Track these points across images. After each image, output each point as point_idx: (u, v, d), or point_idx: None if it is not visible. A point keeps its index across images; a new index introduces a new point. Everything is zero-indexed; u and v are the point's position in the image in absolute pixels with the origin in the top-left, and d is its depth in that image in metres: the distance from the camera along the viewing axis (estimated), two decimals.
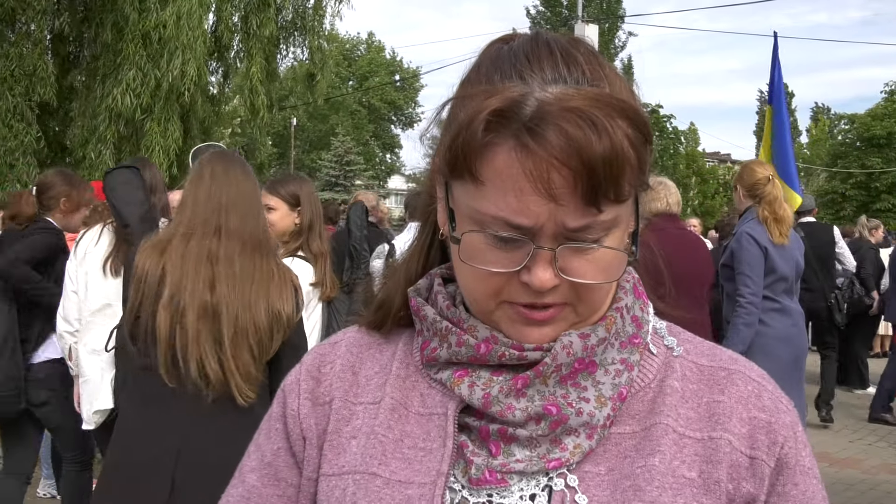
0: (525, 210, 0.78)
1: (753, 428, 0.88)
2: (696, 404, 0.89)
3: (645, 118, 0.81)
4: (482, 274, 0.83)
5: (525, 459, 0.85)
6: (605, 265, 0.83)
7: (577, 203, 0.77)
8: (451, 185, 0.85)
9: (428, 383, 0.92)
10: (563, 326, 0.86)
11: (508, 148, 0.77)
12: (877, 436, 7.74)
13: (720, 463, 0.85)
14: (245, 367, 2.48)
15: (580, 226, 0.79)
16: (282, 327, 2.59)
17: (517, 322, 0.85)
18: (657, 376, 0.91)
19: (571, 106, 0.76)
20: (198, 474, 2.40)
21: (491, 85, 0.80)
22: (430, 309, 0.92)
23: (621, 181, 0.77)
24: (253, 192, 2.69)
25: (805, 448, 0.90)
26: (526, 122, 0.76)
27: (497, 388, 0.85)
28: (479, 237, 0.82)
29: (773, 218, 4.64)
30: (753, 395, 0.90)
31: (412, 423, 0.90)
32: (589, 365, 0.87)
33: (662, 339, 0.95)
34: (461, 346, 0.88)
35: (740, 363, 0.93)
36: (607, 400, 0.86)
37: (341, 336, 1.03)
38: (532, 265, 0.80)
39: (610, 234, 0.82)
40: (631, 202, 0.84)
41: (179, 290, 2.47)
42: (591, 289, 0.84)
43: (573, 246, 0.80)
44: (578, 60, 0.82)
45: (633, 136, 0.78)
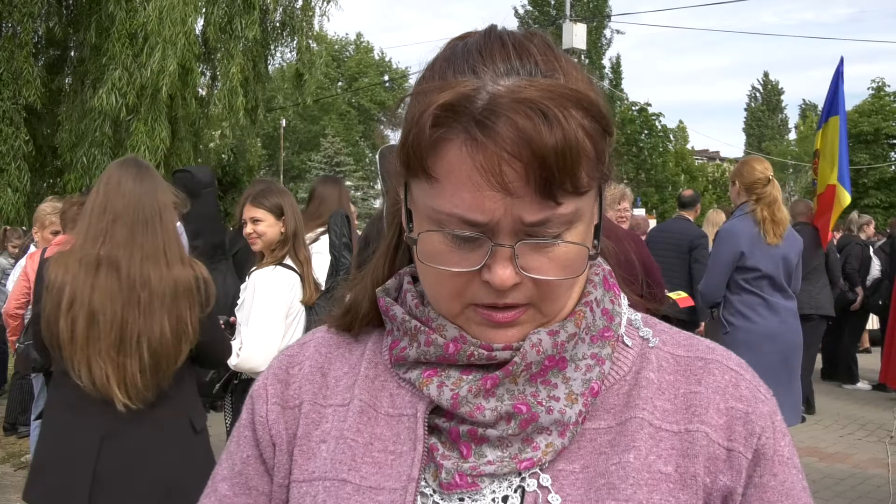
0: (480, 206, 0.76)
1: (731, 419, 0.86)
2: (672, 396, 0.87)
3: (602, 109, 0.79)
4: (443, 275, 0.82)
5: (496, 461, 0.83)
6: (567, 261, 0.81)
7: (532, 196, 0.75)
8: (409, 184, 0.84)
9: (397, 383, 0.91)
10: (528, 328, 0.84)
11: (459, 143, 0.75)
12: (866, 430, 7.79)
13: (697, 456, 0.84)
14: (131, 375, 2.63)
15: (538, 220, 0.77)
16: (187, 334, 2.72)
17: (482, 325, 0.84)
18: (632, 368, 0.89)
19: (522, 97, 0.74)
20: (119, 466, 2.64)
21: (444, 81, 0.79)
22: (398, 308, 0.91)
23: (577, 172, 0.76)
24: (147, 201, 2.74)
25: (784, 437, 0.89)
26: (476, 116, 0.75)
27: (466, 388, 0.84)
28: (437, 237, 0.80)
29: (771, 219, 4.67)
30: (731, 385, 0.88)
31: (382, 426, 0.89)
32: (559, 362, 0.85)
33: (637, 330, 0.93)
34: (430, 346, 0.86)
35: (717, 352, 0.91)
36: (578, 396, 0.84)
37: (310, 336, 1.01)
38: (492, 263, 0.79)
39: (571, 229, 0.80)
40: (593, 195, 0.82)
41: (75, 299, 2.62)
42: (554, 286, 0.82)
43: (532, 242, 0.78)
44: (531, 52, 0.80)
45: (589, 126, 0.77)
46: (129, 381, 2.64)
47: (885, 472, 5.99)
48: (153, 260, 2.70)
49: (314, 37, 15.65)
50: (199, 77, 13.88)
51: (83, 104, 12.24)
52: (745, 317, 4.68)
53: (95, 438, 2.65)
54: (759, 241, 4.67)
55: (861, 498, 5.84)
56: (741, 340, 4.57)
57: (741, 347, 4.39)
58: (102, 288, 2.64)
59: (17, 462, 6.42)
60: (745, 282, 4.73)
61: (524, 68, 0.78)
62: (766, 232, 4.65)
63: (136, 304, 2.65)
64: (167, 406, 2.75)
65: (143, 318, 2.66)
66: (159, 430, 2.75)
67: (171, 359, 2.72)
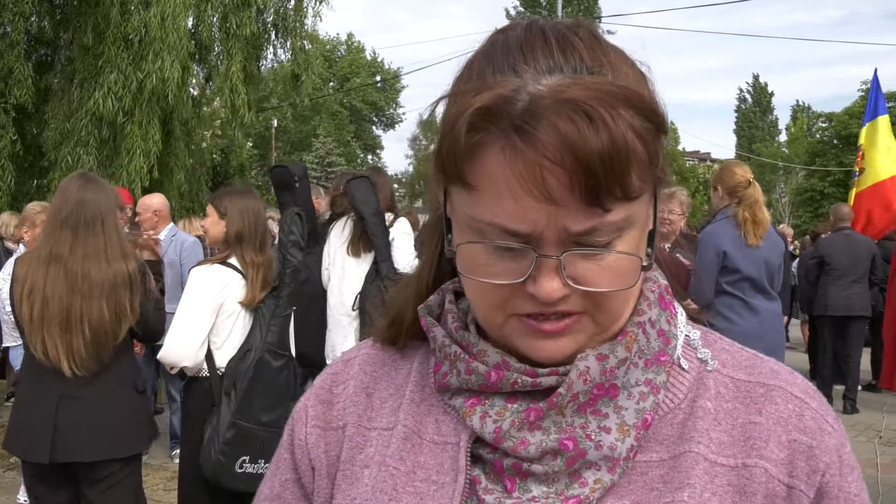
0: (522, 216, 0.71)
1: (793, 453, 0.79)
2: (730, 426, 0.81)
3: (655, 106, 0.73)
4: (485, 286, 0.76)
5: (541, 497, 0.78)
6: (620, 270, 0.75)
7: (578, 205, 0.70)
8: (448, 191, 0.79)
9: (443, 408, 0.86)
10: (581, 338, 0.78)
11: (498, 149, 0.70)
12: (856, 431, 7.81)
13: (755, 494, 0.77)
14: (76, 349, 3.32)
15: (585, 229, 0.71)
16: (126, 315, 3.39)
17: (529, 336, 0.78)
18: (688, 396, 0.83)
19: (565, 98, 0.69)
20: (74, 419, 3.35)
21: (482, 81, 0.73)
22: (439, 330, 0.86)
23: (627, 177, 0.70)
24: (90, 208, 3.37)
25: (852, 472, 0.82)
26: (515, 120, 0.69)
27: (509, 421, 0.78)
28: (478, 248, 0.75)
29: (752, 220, 4.76)
30: (794, 416, 0.81)
31: (426, 453, 0.84)
32: (610, 389, 0.79)
33: (695, 351, 0.87)
34: (470, 374, 0.81)
35: (782, 377, 0.84)
36: (630, 429, 0.78)
37: (355, 353, 0.97)
38: (537, 275, 0.73)
39: (623, 237, 0.74)
40: (646, 199, 0.76)
41: (33, 289, 3.32)
42: (606, 297, 0.76)
43: (580, 252, 0.73)
44: (576, 46, 0.74)
45: (640, 126, 0.71)
46: (75, 354, 3.33)
47: (874, 472, 6.02)
48: (93, 256, 3.34)
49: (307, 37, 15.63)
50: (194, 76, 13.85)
51: (70, 104, 12.19)
52: (727, 318, 4.77)
53: (54, 398, 3.36)
54: (740, 244, 4.77)
55: None
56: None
57: None
58: (52, 279, 3.31)
59: (5, 463, 6.40)
60: (727, 284, 4.83)
61: (568, 64, 0.73)
62: (746, 233, 4.75)
63: (78, 292, 3.30)
64: (114, 372, 3.46)
65: (85, 303, 3.31)
66: (107, 391, 3.44)
67: (111, 336, 3.38)
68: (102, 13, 11.87)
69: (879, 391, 8.63)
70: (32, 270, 3.34)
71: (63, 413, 3.34)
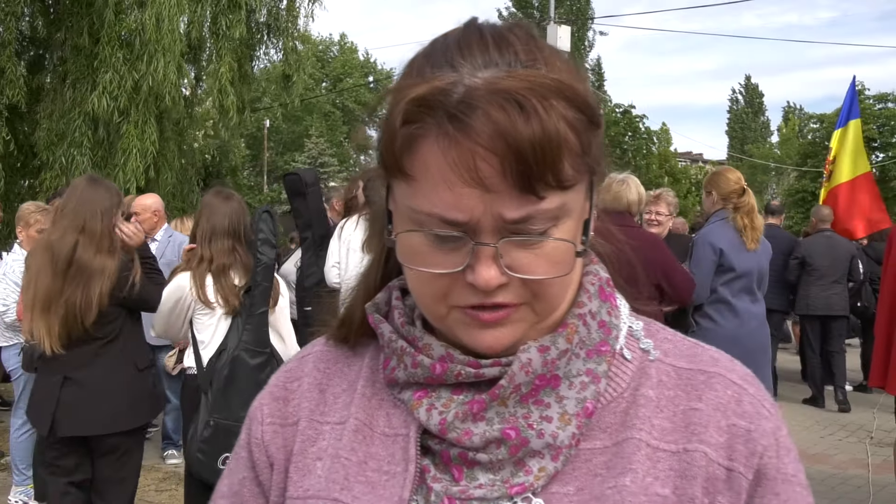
0: (458, 204, 0.73)
1: (732, 437, 0.82)
2: (671, 413, 0.84)
3: (588, 99, 0.76)
4: (426, 277, 0.78)
5: (487, 484, 0.80)
6: (556, 258, 0.77)
7: (512, 192, 0.72)
8: (390, 185, 0.81)
9: (393, 402, 0.88)
10: (521, 328, 0.80)
11: (433, 139, 0.73)
12: (847, 431, 7.85)
13: (695, 478, 0.80)
14: (53, 327, 3.68)
15: (520, 216, 0.73)
16: (92, 303, 3.69)
17: (470, 326, 0.80)
18: (630, 385, 0.85)
19: (499, 88, 0.71)
20: (76, 397, 3.77)
21: (421, 76, 0.76)
22: (386, 326, 0.88)
23: (559, 165, 0.72)
24: (92, 203, 3.74)
25: (788, 454, 0.85)
26: (450, 110, 0.71)
27: (453, 412, 0.81)
28: (417, 237, 0.77)
29: (751, 226, 4.93)
30: (733, 401, 0.84)
31: (377, 445, 0.87)
32: (552, 380, 0.82)
33: (638, 341, 0.89)
34: (416, 368, 0.84)
35: (721, 364, 0.87)
36: (572, 417, 0.81)
37: (309, 350, 0.99)
38: (475, 263, 0.75)
39: (559, 226, 0.76)
40: (582, 189, 0.78)
41: (31, 278, 3.72)
42: (544, 285, 0.78)
43: (516, 239, 0.75)
44: (512, 43, 0.76)
45: (573, 117, 0.73)
46: (53, 334, 3.69)
47: (865, 472, 6.04)
48: (84, 247, 3.68)
49: (300, 37, 15.60)
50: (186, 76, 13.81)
51: (62, 104, 12.15)
52: (711, 319, 4.91)
53: (59, 378, 3.78)
54: (736, 244, 4.90)
55: (841, 498, 5.88)
56: (703, 340, 4.72)
57: None
58: (43, 266, 3.67)
59: None
60: (719, 284, 4.95)
61: (503, 59, 0.75)
62: (746, 238, 4.91)
63: (61, 277, 3.64)
64: (115, 351, 3.86)
65: (67, 287, 3.66)
66: (107, 370, 3.83)
67: (79, 320, 3.71)
68: (96, 13, 11.84)
69: (870, 391, 8.67)
70: (33, 259, 3.76)
71: (66, 391, 3.77)
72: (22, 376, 5.55)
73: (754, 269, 4.98)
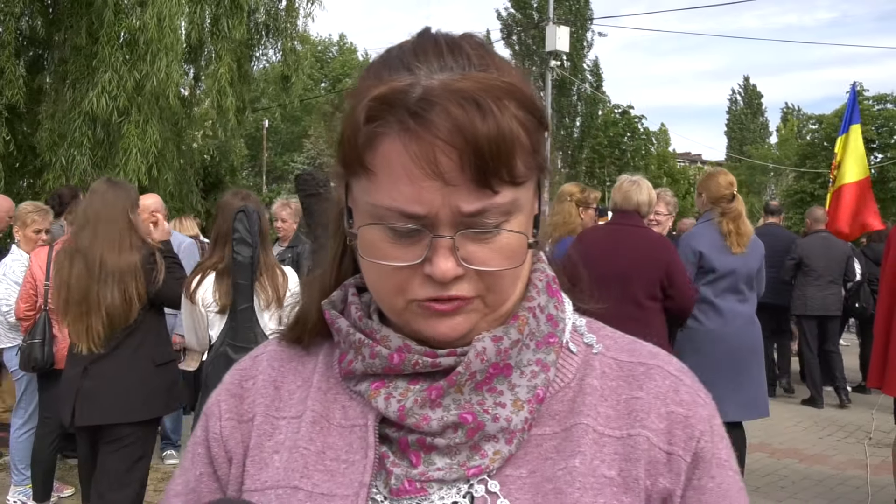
0: (418, 197, 0.77)
1: (671, 423, 0.88)
2: (615, 402, 0.89)
3: (536, 102, 0.81)
4: (385, 270, 0.82)
5: (445, 468, 0.84)
6: (509, 251, 0.81)
7: (469, 185, 0.76)
8: (349, 184, 0.85)
9: (348, 395, 0.91)
10: (473, 318, 0.84)
11: (394, 134, 0.77)
12: (845, 432, 7.85)
13: (639, 460, 0.85)
14: (94, 329, 3.89)
15: (476, 209, 0.78)
16: (133, 298, 3.91)
17: (427, 317, 0.83)
18: (577, 375, 0.91)
19: (456, 88, 0.76)
20: (95, 387, 3.97)
21: (379, 79, 0.80)
22: (343, 321, 0.91)
23: (513, 161, 0.77)
24: (113, 206, 3.95)
25: (722, 440, 0.90)
26: (410, 107, 0.76)
27: (412, 399, 0.84)
28: (377, 231, 0.81)
29: (735, 232, 5.04)
30: (671, 390, 0.90)
31: (334, 436, 0.89)
32: (504, 368, 0.86)
33: (582, 336, 0.94)
34: (375, 358, 0.86)
35: (659, 357, 0.93)
36: (524, 403, 0.85)
37: (262, 350, 1.01)
38: (432, 256, 0.79)
39: (511, 220, 0.81)
40: (531, 186, 0.83)
41: (60, 279, 3.94)
42: (497, 277, 0.82)
43: (472, 232, 0.79)
44: (465, 49, 0.81)
45: (524, 117, 0.79)
46: (93, 334, 3.90)
47: (863, 473, 6.05)
48: (109, 247, 3.88)
49: (299, 38, 15.61)
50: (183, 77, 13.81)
51: (62, 104, 12.15)
52: (695, 318, 4.96)
53: (80, 369, 3.98)
54: (718, 246, 5.00)
55: (840, 499, 5.90)
56: (688, 339, 4.96)
57: (687, 346, 4.86)
58: (75, 268, 3.88)
59: None
60: (702, 285, 5.04)
61: (458, 63, 0.80)
62: (731, 243, 5.02)
63: (95, 279, 3.84)
64: (132, 348, 4.03)
65: (101, 288, 3.85)
66: (124, 365, 4.00)
67: (122, 317, 3.92)
68: (95, 13, 11.84)
69: (869, 392, 8.69)
70: (61, 263, 3.97)
71: (86, 381, 3.98)
72: (24, 377, 5.55)
73: (740, 268, 5.05)
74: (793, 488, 6.14)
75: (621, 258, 4.50)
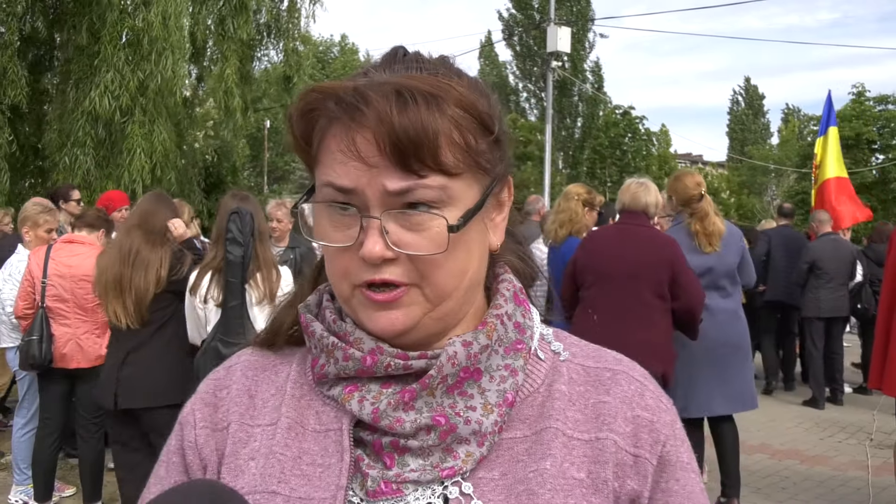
0: (347, 174, 0.83)
1: (637, 427, 0.91)
2: (583, 406, 0.92)
3: (477, 106, 0.85)
4: (331, 254, 0.88)
5: (419, 469, 0.86)
6: (438, 238, 0.84)
7: (391, 168, 0.81)
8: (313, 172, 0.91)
9: (322, 400, 0.93)
10: (413, 312, 0.87)
11: (328, 122, 0.85)
12: (846, 433, 7.85)
13: (607, 463, 0.88)
14: (127, 307, 4.33)
15: (400, 188, 0.82)
16: (154, 282, 4.34)
17: (367, 307, 0.87)
18: (545, 381, 0.93)
19: (385, 82, 0.83)
20: (133, 372, 4.37)
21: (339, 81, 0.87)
22: (318, 325, 0.93)
23: (437, 150, 0.82)
24: (154, 215, 4.50)
25: (683, 444, 0.94)
26: (343, 98, 0.83)
27: (385, 401, 0.86)
28: (322, 211, 0.87)
29: (703, 232, 5.08)
30: (637, 395, 0.93)
31: (309, 441, 0.91)
32: (474, 373, 0.89)
33: (549, 344, 0.98)
34: (348, 361, 0.89)
35: (624, 364, 0.97)
36: (493, 406, 0.88)
37: (235, 360, 1.03)
38: (364, 238, 0.83)
39: (443, 209, 0.84)
40: (472, 183, 0.87)
41: (102, 269, 4.42)
42: (430, 265, 0.85)
43: (396, 212, 0.83)
44: (420, 58, 0.89)
45: (459, 116, 0.84)
46: (127, 311, 4.33)
47: (864, 474, 6.05)
48: (146, 244, 4.37)
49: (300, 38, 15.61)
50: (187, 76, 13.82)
51: (66, 104, 12.15)
52: None
53: (122, 355, 4.40)
54: (690, 247, 5.00)
55: (841, 500, 5.91)
56: (674, 336, 4.92)
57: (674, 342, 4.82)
58: (113, 259, 4.37)
59: None
60: None
61: (406, 69, 0.87)
62: (700, 244, 5.06)
63: (129, 265, 4.31)
64: (166, 337, 4.43)
65: (135, 273, 4.31)
66: (158, 352, 4.40)
67: (146, 296, 4.33)
68: (97, 13, 11.84)
69: (870, 393, 8.69)
70: (105, 257, 4.48)
71: (125, 369, 4.38)
72: (26, 377, 5.56)
73: (717, 266, 5.09)
74: (794, 489, 6.15)
75: (629, 257, 4.55)
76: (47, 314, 5.04)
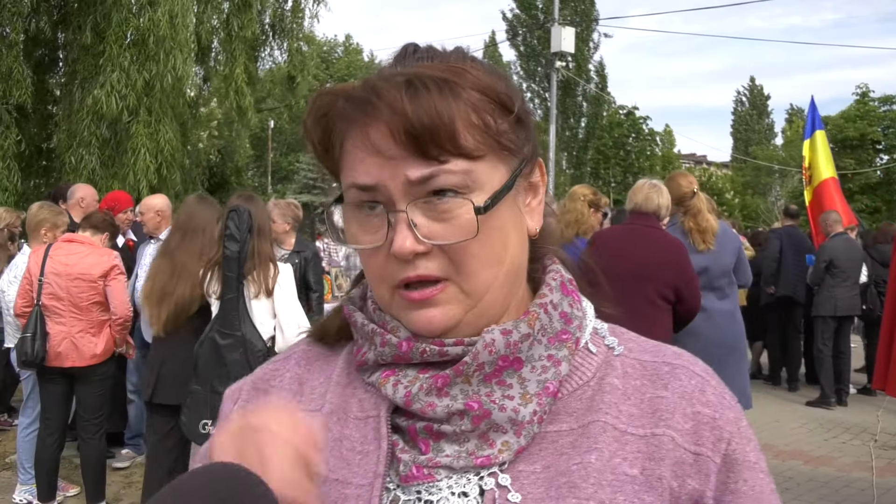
0: (368, 171, 0.82)
1: (698, 424, 0.87)
2: (638, 400, 0.88)
3: (496, 87, 0.84)
4: (365, 257, 0.87)
5: (453, 454, 0.84)
6: (467, 224, 0.82)
7: (410, 157, 0.80)
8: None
9: (364, 388, 0.93)
10: (452, 310, 0.85)
11: (343, 124, 0.84)
12: (851, 434, 7.84)
13: (663, 460, 0.84)
14: (165, 317, 4.52)
15: (422, 175, 0.80)
16: (198, 295, 4.42)
17: (407, 309, 0.86)
18: (596, 374, 0.90)
19: (394, 73, 0.82)
20: (170, 370, 4.58)
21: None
22: (359, 315, 0.94)
23: (454, 133, 0.80)
24: (198, 216, 4.67)
25: (750, 442, 0.89)
26: (353, 95, 0.83)
27: (418, 386, 0.86)
28: (351, 214, 0.86)
29: (696, 229, 5.12)
30: (697, 390, 0.89)
31: (350, 427, 0.91)
32: (514, 362, 0.86)
33: (603, 339, 0.95)
34: (385, 346, 0.88)
35: (684, 358, 0.93)
36: (532, 396, 0.85)
37: (294, 349, 1.05)
38: (393, 235, 0.82)
39: (469, 194, 0.82)
40: (497, 163, 0.85)
41: (150, 276, 4.64)
42: (463, 256, 0.83)
43: (423, 201, 0.81)
44: (432, 50, 0.88)
45: (476, 98, 0.82)
46: (165, 321, 4.52)
47: (869, 475, 6.04)
48: (191, 253, 4.53)
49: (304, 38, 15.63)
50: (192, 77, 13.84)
51: (72, 104, 12.17)
52: None
53: (160, 359, 4.65)
54: (687, 247, 4.97)
55: (845, 501, 5.91)
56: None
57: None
58: (161, 267, 4.59)
59: (1, 463, 6.40)
60: None
61: (417, 61, 0.86)
62: (694, 241, 5.08)
63: (176, 276, 4.49)
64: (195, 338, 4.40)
65: (179, 285, 4.48)
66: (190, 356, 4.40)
67: (187, 309, 4.49)
68: (102, 12, 11.85)
69: (874, 394, 8.68)
70: (158, 260, 4.70)
71: (164, 368, 4.62)
72: (30, 376, 5.57)
73: (712, 266, 5.08)
74: (798, 490, 6.14)
75: (637, 257, 4.55)
76: (43, 312, 5.06)
